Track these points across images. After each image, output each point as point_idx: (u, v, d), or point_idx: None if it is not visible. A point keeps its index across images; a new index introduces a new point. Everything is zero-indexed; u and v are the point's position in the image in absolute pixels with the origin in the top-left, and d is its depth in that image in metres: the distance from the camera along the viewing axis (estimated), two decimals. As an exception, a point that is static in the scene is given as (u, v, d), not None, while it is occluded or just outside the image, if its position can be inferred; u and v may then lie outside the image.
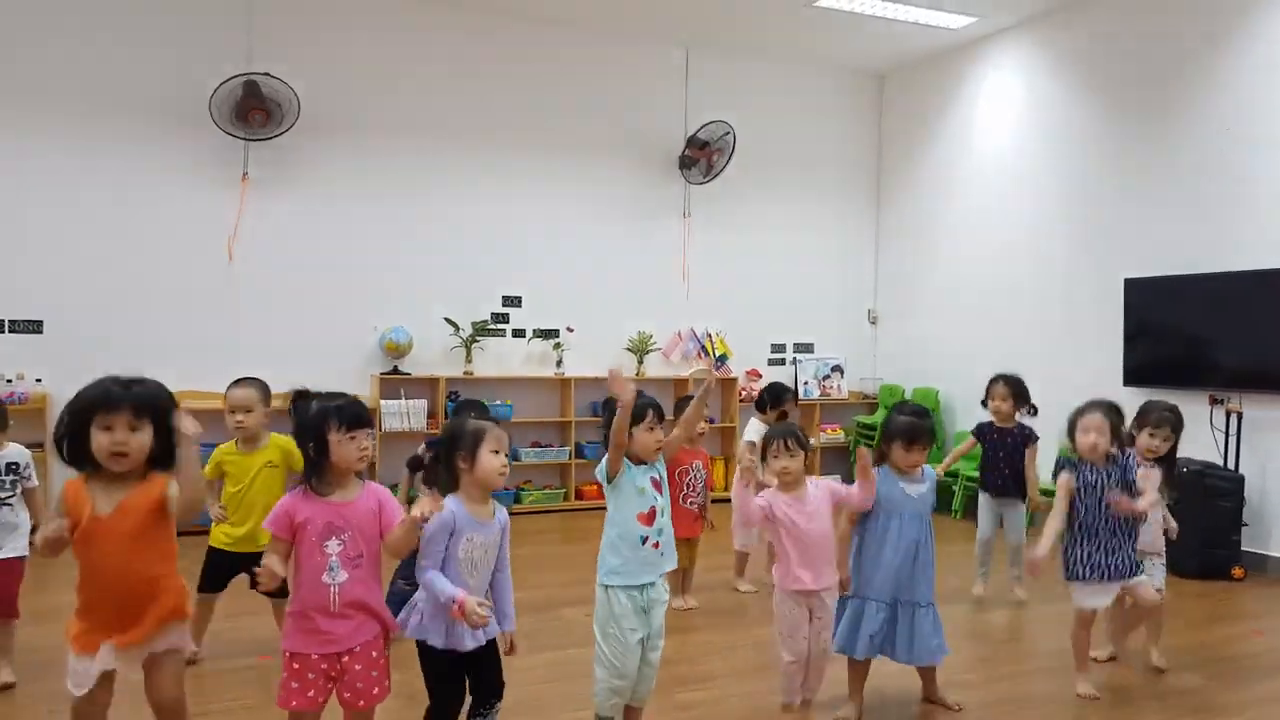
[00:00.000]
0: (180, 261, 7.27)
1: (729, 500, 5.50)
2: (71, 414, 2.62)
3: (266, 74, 7.08)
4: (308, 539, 2.75)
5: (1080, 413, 4.00)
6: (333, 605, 2.75)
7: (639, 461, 3.34)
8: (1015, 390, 5.50)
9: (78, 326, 6.98)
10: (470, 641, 2.92)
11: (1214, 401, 6.44)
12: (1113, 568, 3.88)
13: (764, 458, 3.74)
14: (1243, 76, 6.51)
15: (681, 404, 5.40)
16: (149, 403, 2.63)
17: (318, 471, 2.79)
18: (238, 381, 4.37)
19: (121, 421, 2.56)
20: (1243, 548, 6.15)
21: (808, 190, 9.43)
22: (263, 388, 4.35)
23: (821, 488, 3.65)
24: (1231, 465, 6.27)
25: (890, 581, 3.66)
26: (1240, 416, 6.29)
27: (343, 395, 2.88)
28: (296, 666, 2.74)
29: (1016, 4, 7.76)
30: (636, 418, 3.29)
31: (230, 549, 4.19)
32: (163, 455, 2.66)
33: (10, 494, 3.91)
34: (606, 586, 3.27)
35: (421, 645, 2.96)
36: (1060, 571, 4.00)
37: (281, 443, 4.28)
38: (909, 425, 3.68)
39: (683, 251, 8.89)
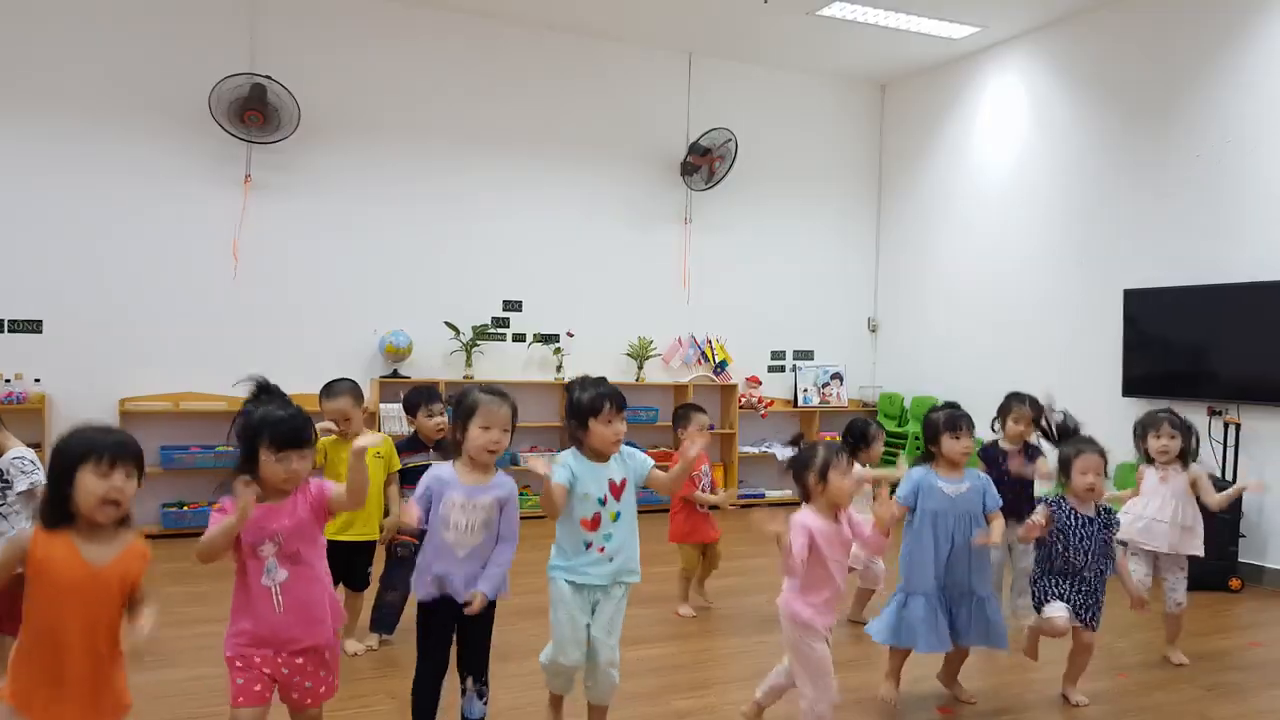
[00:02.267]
0: (181, 262, 7.27)
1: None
2: (59, 458, 2.38)
3: (270, 78, 7.09)
4: (242, 544, 2.68)
5: (1077, 453, 3.94)
6: (277, 606, 2.68)
7: (598, 457, 3.23)
8: (1038, 413, 4.90)
9: (78, 327, 6.98)
10: (459, 584, 3.02)
11: (1212, 413, 6.45)
12: (1072, 600, 3.91)
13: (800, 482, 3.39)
14: (1243, 89, 6.52)
15: (681, 411, 5.41)
16: (140, 456, 2.45)
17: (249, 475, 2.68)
18: (334, 388, 4.44)
19: (121, 469, 2.37)
20: (1240, 559, 6.16)
21: (809, 198, 9.44)
22: (356, 391, 4.50)
23: (846, 519, 3.36)
24: (1230, 477, 6.27)
25: (934, 578, 3.79)
26: (1239, 428, 6.30)
27: (291, 407, 2.75)
28: (240, 665, 2.69)
29: (1018, 15, 7.78)
30: (593, 410, 3.16)
31: (340, 538, 4.24)
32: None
33: (1, 502, 3.79)
34: (550, 576, 3.26)
35: (419, 605, 3.09)
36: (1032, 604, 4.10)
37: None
38: (951, 415, 3.84)
39: (683, 258, 8.90)
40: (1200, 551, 4.65)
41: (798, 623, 3.25)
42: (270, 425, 2.67)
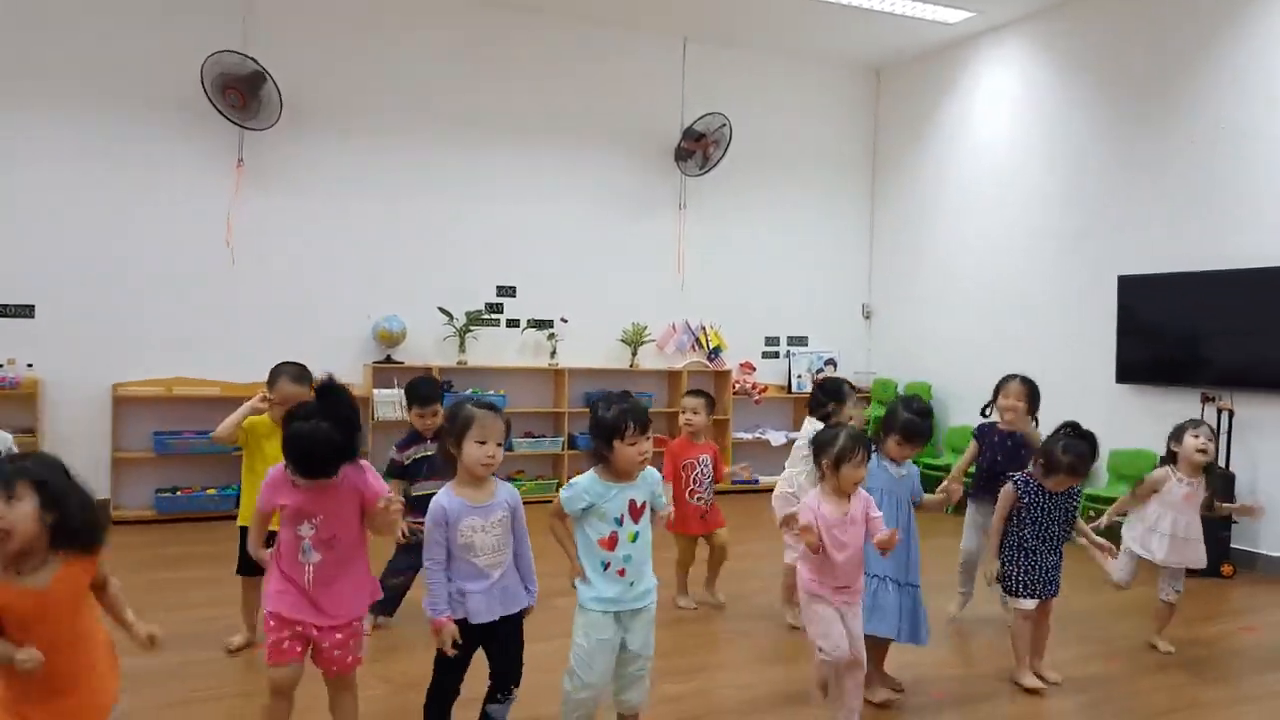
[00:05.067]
0: (173, 247, 7.23)
1: (725, 492, 5.53)
2: None
3: (257, 60, 7.04)
4: (285, 519, 2.86)
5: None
6: (308, 584, 2.84)
7: (622, 477, 3.14)
8: (1032, 392, 4.82)
9: (70, 311, 6.95)
10: (485, 615, 2.97)
11: (1206, 399, 6.44)
12: (1041, 585, 4.05)
13: (817, 461, 3.50)
14: (1237, 74, 6.50)
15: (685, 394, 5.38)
16: (29, 474, 2.31)
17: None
18: (295, 373, 4.12)
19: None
20: (1232, 545, 6.19)
21: (803, 183, 9.42)
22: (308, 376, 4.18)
23: (861, 500, 3.48)
24: (1222, 463, 6.26)
25: (874, 559, 3.70)
26: (1232, 414, 6.31)
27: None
28: (274, 624, 2.85)
29: (1013, 0, 7.75)
30: (614, 430, 3.06)
31: None
32: (66, 535, 2.34)
33: None
34: (583, 605, 3.14)
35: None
36: (999, 587, 4.16)
37: None
38: (910, 423, 3.83)
39: (678, 243, 8.88)
40: (1204, 562, 4.62)
41: (806, 591, 3.49)
42: (296, 455, 2.80)
